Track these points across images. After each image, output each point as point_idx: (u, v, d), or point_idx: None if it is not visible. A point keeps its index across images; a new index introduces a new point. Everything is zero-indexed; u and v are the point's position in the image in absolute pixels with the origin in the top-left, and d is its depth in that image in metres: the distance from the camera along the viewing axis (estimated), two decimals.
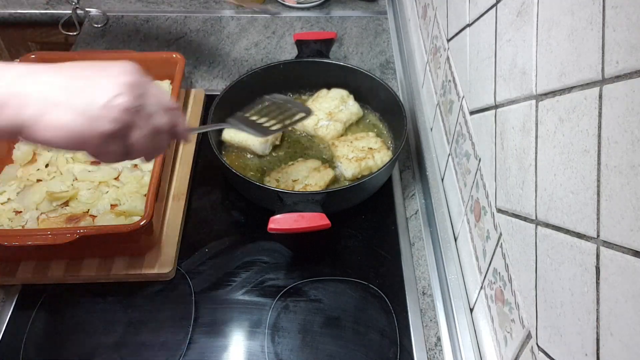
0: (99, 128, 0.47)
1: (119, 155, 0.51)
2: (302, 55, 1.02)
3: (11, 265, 0.77)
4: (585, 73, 0.42)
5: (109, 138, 0.48)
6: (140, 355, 0.71)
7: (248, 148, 0.91)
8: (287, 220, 0.72)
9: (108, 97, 0.47)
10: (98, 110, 0.46)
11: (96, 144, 0.48)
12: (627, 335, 0.37)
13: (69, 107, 0.46)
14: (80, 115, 0.46)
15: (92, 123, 0.46)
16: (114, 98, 0.47)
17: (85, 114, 0.46)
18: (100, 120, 0.47)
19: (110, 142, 0.49)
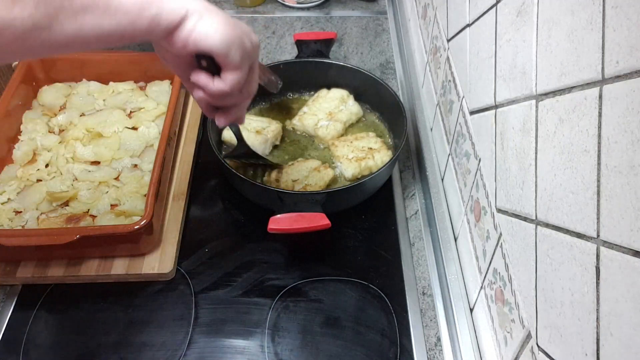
0: (243, 40, 0.55)
1: (241, 81, 0.57)
2: (302, 55, 1.02)
3: (11, 265, 0.77)
4: (585, 73, 0.42)
5: (246, 54, 0.55)
6: (140, 355, 0.71)
7: None
8: (287, 220, 0.72)
9: (247, 29, 0.57)
10: (243, 28, 0.56)
11: (238, 55, 0.54)
12: (627, 335, 0.37)
13: (224, 16, 0.53)
14: (233, 25, 0.54)
15: (240, 34, 0.54)
16: (250, 33, 0.57)
17: (237, 26, 0.54)
18: (244, 35, 0.55)
19: (245, 59, 0.56)
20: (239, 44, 0.54)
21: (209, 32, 0.51)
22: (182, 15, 0.50)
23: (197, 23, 0.51)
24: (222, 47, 0.52)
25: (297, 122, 0.96)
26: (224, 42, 0.52)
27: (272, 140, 0.92)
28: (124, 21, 0.47)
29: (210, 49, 0.52)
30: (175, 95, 0.90)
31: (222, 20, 0.53)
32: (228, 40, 0.53)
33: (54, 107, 0.96)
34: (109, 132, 0.92)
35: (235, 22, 0.55)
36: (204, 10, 0.52)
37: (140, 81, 1.01)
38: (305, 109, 0.98)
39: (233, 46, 0.53)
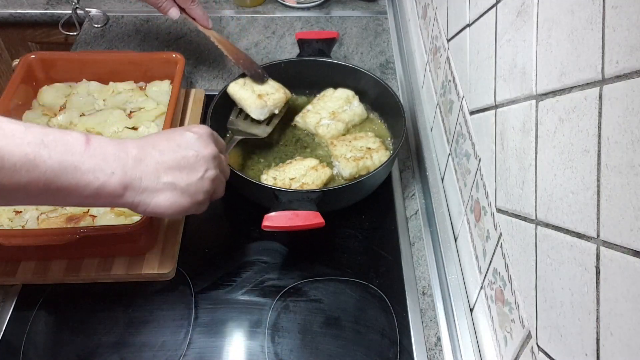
0: (197, 199, 0.61)
1: (206, 207, 0.65)
2: (303, 54, 1.02)
3: (11, 265, 0.77)
4: (585, 73, 0.42)
5: (203, 203, 0.63)
6: (140, 355, 0.71)
7: (245, 109, 0.91)
8: (281, 218, 0.72)
9: (201, 173, 0.60)
10: (195, 186, 0.60)
11: (194, 210, 0.62)
12: (627, 335, 0.37)
13: (174, 189, 0.58)
14: (183, 194, 0.59)
15: (192, 198, 0.60)
16: (205, 173, 0.61)
17: (186, 193, 0.59)
18: (197, 194, 0.60)
19: (203, 203, 0.63)
20: (191, 204, 0.61)
21: (163, 213, 0.59)
22: (130, 206, 0.57)
23: (148, 208, 0.58)
24: (178, 215, 0.62)
25: (300, 120, 0.96)
26: (179, 213, 0.60)
27: (270, 108, 0.91)
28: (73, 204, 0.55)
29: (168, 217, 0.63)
30: (175, 95, 0.90)
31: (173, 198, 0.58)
32: (181, 212, 0.60)
33: (54, 107, 0.96)
34: (109, 132, 0.92)
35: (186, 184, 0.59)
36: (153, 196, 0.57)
37: (140, 81, 1.01)
38: (309, 107, 0.98)
39: (186, 211, 0.61)
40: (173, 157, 0.58)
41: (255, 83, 0.92)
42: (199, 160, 0.60)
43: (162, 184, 0.57)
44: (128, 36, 1.21)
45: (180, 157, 0.59)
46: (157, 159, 0.57)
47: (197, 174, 0.60)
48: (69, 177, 0.50)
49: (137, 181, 0.55)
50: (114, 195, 0.54)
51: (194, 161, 0.60)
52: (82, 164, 0.50)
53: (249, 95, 0.90)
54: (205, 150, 0.61)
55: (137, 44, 1.19)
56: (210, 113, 0.87)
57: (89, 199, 0.52)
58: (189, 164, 0.59)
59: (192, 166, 0.59)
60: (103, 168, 0.52)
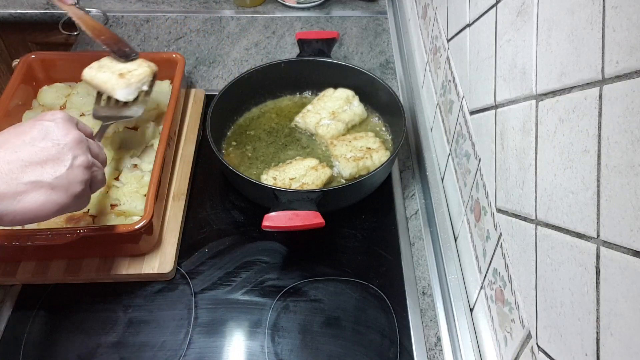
0: (73, 192, 0.53)
1: (87, 198, 0.59)
2: (303, 54, 1.02)
3: (11, 265, 0.77)
4: (585, 73, 0.42)
5: (82, 194, 0.56)
6: (140, 355, 0.71)
7: (108, 93, 0.82)
8: (281, 218, 0.72)
9: (69, 162, 0.53)
10: (65, 178, 0.52)
11: (74, 206, 0.55)
12: (627, 335, 0.37)
13: (40, 187, 0.50)
14: (54, 190, 0.51)
15: (66, 192, 0.52)
16: (73, 160, 0.53)
17: (57, 187, 0.51)
18: (71, 186, 0.53)
19: (84, 195, 0.57)
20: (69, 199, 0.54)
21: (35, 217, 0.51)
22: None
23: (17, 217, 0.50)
24: (57, 214, 0.53)
25: (300, 120, 0.96)
26: (57, 212, 0.53)
27: (137, 85, 0.82)
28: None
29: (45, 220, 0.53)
30: (175, 95, 0.90)
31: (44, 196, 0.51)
32: (59, 210, 0.53)
33: (54, 107, 0.96)
34: (109, 132, 0.92)
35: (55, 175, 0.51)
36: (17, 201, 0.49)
37: None
38: (310, 107, 0.98)
39: (66, 208, 0.54)
40: (29, 152, 0.51)
41: (120, 62, 0.84)
42: (61, 149, 0.53)
43: (22, 185, 0.49)
44: (128, 36, 1.21)
45: (38, 150, 0.51)
46: (7, 159, 0.49)
47: (64, 165, 0.52)
48: None
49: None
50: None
51: (55, 151, 0.52)
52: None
53: (109, 77, 0.81)
54: (67, 137, 0.54)
55: (137, 44, 1.19)
56: (211, 113, 0.87)
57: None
58: (51, 155, 0.52)
59: (55, 157, 0.52)
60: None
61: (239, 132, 0.96)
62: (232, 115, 0.97)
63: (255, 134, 0.96)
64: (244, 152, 0.93)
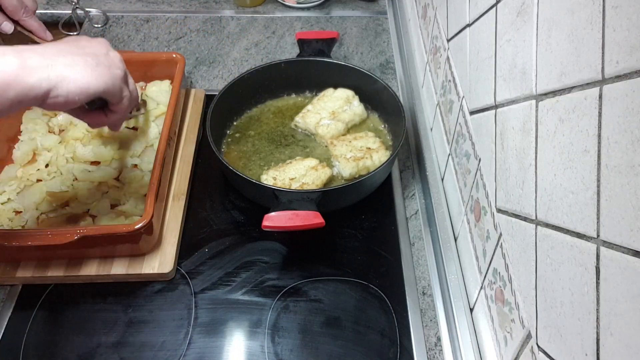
0: (115, 72, 0.58)
1: (127, 101, 0.62)
2: (303, 54, 1.02)
3: (11, 265, 0.77)
4: (585, 73, 0.42)
5: (123, 81, 0.60)
6: (140, 355, 0.71)
7: None
8: (281, 218, 0.72)
9: (104, 51, 0.59)
10: (106, 60, 0.58)
11: (118, 88, 0.59)
12: (627, 335, 0.37)
13: (86, 63, 0.55)
14: (99, 65, 0.56)
15: (109, 69, 0.57)
16: (108, 51, 0.60)
17: (101, 64, 0.56)
18: (112, 66, 0.58)
19: (124, 86, 0.61)
20: (114, 77, 0.58)
21: (83, 86, 0.54)
22: (46, 89, 0.52)
23: (67, 86, 0.53)
24: (105, 88, 0.57)
25: (300, 120, 0.96)
26: (105, 84, 0.57)
27: None
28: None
29: (95, 94, 0.56)
30: (175, 95, 0.90)
31: (86, 67, 0.55)
32: (106, 81, 0.57)
33: None
34: (109, 132, 0.92)
35: (96, 58, 0.57)
36: (65, 68, 0.53)
37: (140, 81, 1.01)
38: (310, 107, 0.98)
39: (112, 83, 0.58)
40: (71, 44, 0.57)
41: None
42: (95, 43, 0.59)
43: (69, 59, 0.54)
44: (128, 36, 1.21)
45: (78, 43, 0.58)
46: (55, 47, 0.55)
47: (101, 50, 0.59)
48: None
49: (34, 58, 0.51)
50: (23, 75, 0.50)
51: (94, 44, 0.59)
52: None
53: None
54: (98, 39, 0.61)
55: (137, 44, 1.19)
56: (211, 113, 0.87)
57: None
58: (89, 45, 0.58)
59: (93, 47, 0.58)
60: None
61: (239, 132, 0.96)
62: (232, 115, 0.97)
63: (255, 134, 0.96)
64: (244, 152, 0.93)
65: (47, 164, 0.88)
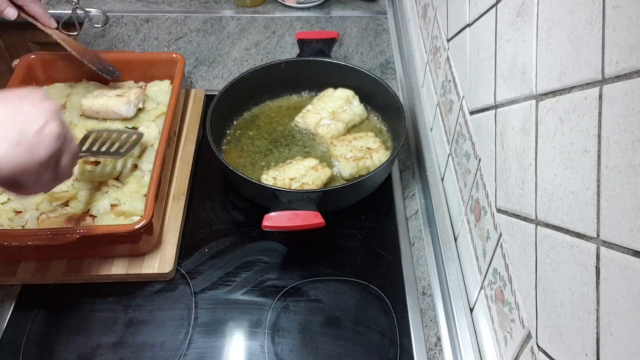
0: (37, 155, 0.50)
1: (51, 181, 0.54)
2: (303, 54, 1.02)
3: (11, 265, 0.77)
4: (585, 73, 0.42)
5: (45, 165, 0.51)
6: (140, 355, 0.71)
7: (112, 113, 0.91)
8: (281, 218, 0.72)
9: (39, 125, 0.50)
10: (33, 138, 0.49)
11: (34, 172, 0.51)
12: (627, 335, 0.37)
13: (4, 139, 0.48)
14: (17, 145, 0.48)
15: (30, 152, 0.49)
16: (44, 126, 0.50)
17: (22, 144, 0.48)
18: (36, 147, 0.50)
19: (45, 169, 0.52)
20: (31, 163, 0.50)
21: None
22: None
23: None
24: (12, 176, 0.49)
25: (300, 120, 0.96)
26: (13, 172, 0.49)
27: (135, 102, 0.92)
28: None
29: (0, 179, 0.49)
30: (175, 95, 0.90)
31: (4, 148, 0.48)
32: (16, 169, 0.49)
33: None
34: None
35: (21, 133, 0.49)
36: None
37: (141, 81, 1.01)
38: (310, 107, 0.98)
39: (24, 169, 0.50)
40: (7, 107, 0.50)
41: (108, 78, 0.94)
42: (35, 111, 0.51)
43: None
44: (128, 36, 1.21)
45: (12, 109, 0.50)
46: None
47: (34, 125, 0.50)
48: None
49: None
50: None
51: (34, 112, 0.50)
52: None
53: (107, 99, 0.90)
54: (45, 104, 0.52)
55: (137, 44, 1.19)
56: (211, 113, 0.87)
57: None
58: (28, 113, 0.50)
59: (29, 117, 0.50)
60: None
61: (239, 132, 0.96)
62: (232, 115, 0.97)
63: (255, 134, 0.96)
64: (244, 152, 0.93)
65: None
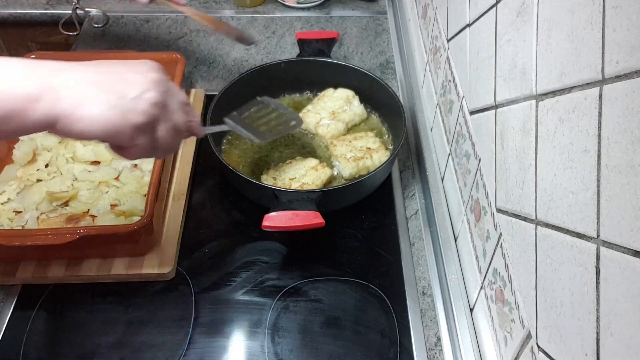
0: (131, 120, 0.50)
1: (146, 149, 0.54)
2: (303, 54, 1.02)
3: (11, 265, 0.77)
4: (585, 73, 0.42)
5: (139, 130, 0.51)
6: (140, 355, 0.71)
7: None
8: (281, 218, 0.72)
9: (138, 92, 0.51)
10: (129, 103, 0.50)
11: (128, 136, 0.51)
12: (627, 335, 0.37)
13: (102, 101, 0.49)
14: (113, 108, 0.49)
15: (124, 115, 0.50)
16: (143, 92, 0.51)
17: (118, 107, 0.49)
18: (131, 112, 0.50)
19: (139, 135, 0.52)
20: (123, 125, 0.50)
21: (86, 129, 0.49)
22: (51, 121, 0.48)
23: (70, 122, 0.48)
24: (105, 135, 0.50)
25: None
26: (106, 131, 0.50)
27: None
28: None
29: (94, 138, 0.51)
30: None
31: (101, 108, 0.49)
32: (109, 129, 0.50)
33: None
34: None
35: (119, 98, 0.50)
36: (77, 105, 0.48)
37: None
38: (310, 106, 0.98)
39: (116, 131, 0.50)
40: (106, 71, 0.51)
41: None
42: (139, 78, 0.52)
43: (88, 94, 0.49)
44: (128, 36, 1.21)
45: (116, 72, 0.52)
46: (80, 70, 0.50)
47: (133, 92, 0.51)
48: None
49: (55, 88, 0.47)
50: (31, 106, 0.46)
51: (132, 78, 0.52)
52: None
53: None
54: (150, 73, 0.53)
55: (137, 44, 1.19)
56: (211, 113, 0.87)
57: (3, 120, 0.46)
58: (125, 79, 0.51)
59: (131, 81, 0.51)
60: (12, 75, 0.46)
61: None
62: None
63: None
64: (244, 152, 0.93)
65: (47, 164, 0.88)
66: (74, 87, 0.48)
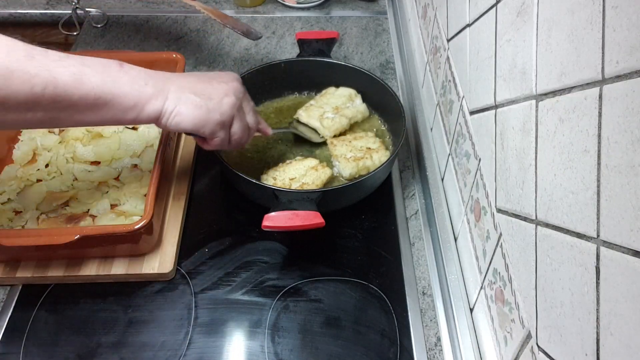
0: (213, 117, 0.66)
1: (223, 141, 0.70)
2: (303, 54, 1.02)
3: (11, 265, 0.77)
4: (585, 73, 0.42)
5: (219, 125, 0.67)
6: (140, 355, 0.71)
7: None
8: (281, 218, 0.72)
9: (220, 96, 0.67)
10: (214, 104, 0.66)
11: (210, 130, 0.67)
12: (627, 335, 0.37)
13: (194, 102, 0.64)
14: (201, 108, 0.65)
15: (209, 113, 0.65)
16: (224, 97, 0.67)
17: (204, 107, 0.65)
18: (214, 112, 0.66)
19: (219, 129, 0.68)
20: (208, 120, 0.66)
21: (181, 122, 0.64)
22: (158, 115, 0.63)
23: (170, 117, 0.64)
24: (194, 128, 0.66)
25: (302, 113, 0.96)
26: (195, 125, 0.65)
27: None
28: (111, 119, 0.61)
29: (186, 130, 0.66)
30: None
31: (190, 106, 0.64)
32: (197, 123, 0.65)
33: None
34: (109, 132, 0.92)
35: (206, 100, 0.65)
36: (177, 104, 0.63)
37: None
38: (312, 102, 0.98)
39: (202, 125, 0.66)
40: (200, 80, 0.67)
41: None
42: (222, 87, 0.68)
43: (185, 97, 0.64)
44: (128, 36, 1.21)
45: (206, 81, 0.68)
46: (181, 79, 0.66)
47: (216, 96, 0.67)
48: (112, 89, 0.58)
49: (164, 91, 0.62)
50: (148, 102, 0.61)
51: (218, 86, 0.68)
52: (120, 79, 0.59)
53: None
54: (232, 83, 0.70)
55: (137, 44, 1.19)
56: None
57: (128, 110, 0.60)
58: (217, 86, 0.68)
59: (216, 89, 0.67)
60: (137, 80, 0.61)
61: None
62: None
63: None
64: (243, 151, 0.93)
65: (47, 164, 0.88)
66: (176, 92, 0.63)
